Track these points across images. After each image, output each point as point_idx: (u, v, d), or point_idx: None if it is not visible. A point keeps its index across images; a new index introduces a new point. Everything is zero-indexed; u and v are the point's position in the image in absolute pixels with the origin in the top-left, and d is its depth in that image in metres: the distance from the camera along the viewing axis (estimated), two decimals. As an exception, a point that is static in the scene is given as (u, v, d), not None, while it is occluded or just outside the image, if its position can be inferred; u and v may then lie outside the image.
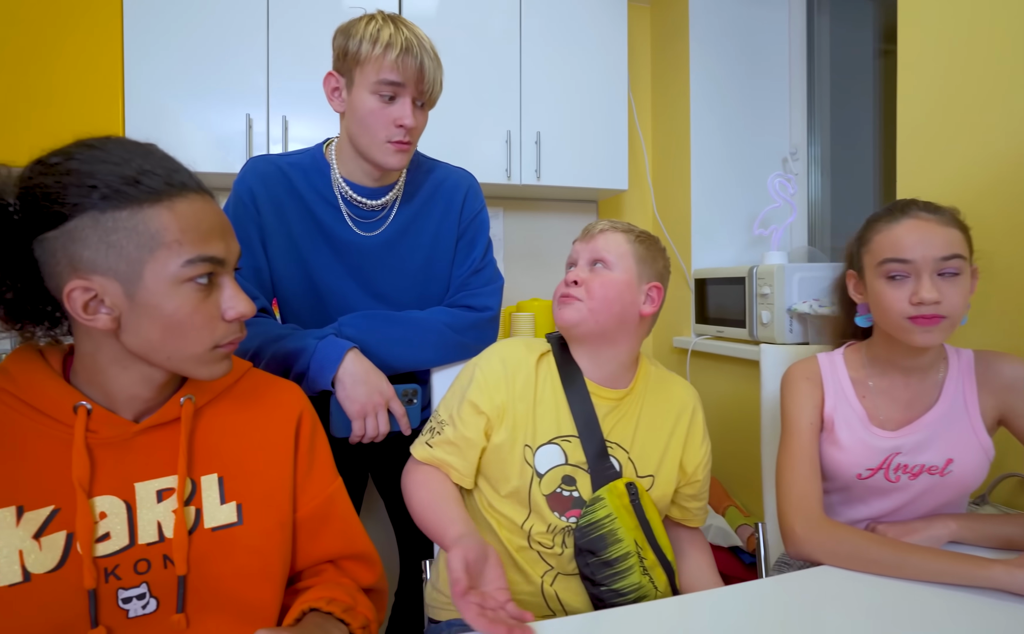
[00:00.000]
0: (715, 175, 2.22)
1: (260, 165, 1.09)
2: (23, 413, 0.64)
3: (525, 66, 2.05)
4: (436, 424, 0.94)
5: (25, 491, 0.62)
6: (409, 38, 0.98)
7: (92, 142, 0.62)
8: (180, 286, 0.63)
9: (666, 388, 0.99)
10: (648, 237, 0.96)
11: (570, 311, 0.91)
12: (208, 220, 0.65)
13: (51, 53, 1.72)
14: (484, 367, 0.93)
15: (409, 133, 1.02)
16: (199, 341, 0.67)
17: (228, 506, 0.72)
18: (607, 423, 0.92)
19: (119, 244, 0.60)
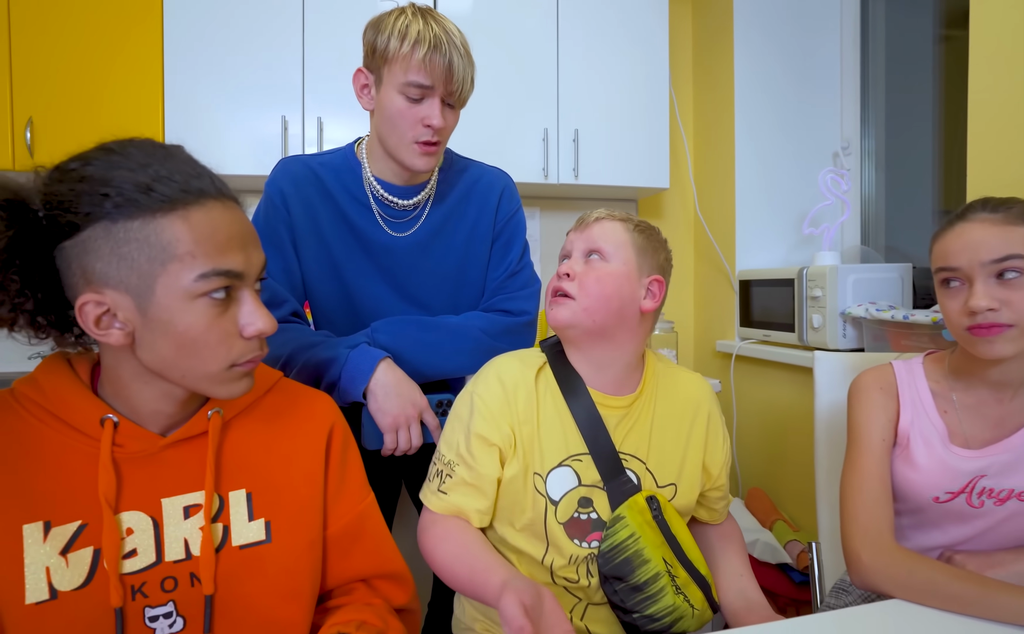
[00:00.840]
0: (761, 171, 2.13)
1: (291, 165, 1.07)
2: (50, 425, 0.63)
3: (562, 61, 1.99)
4: (443, 466, 0.86)
5: (52, 506, 0.61)
6: (438, 35, 0.95)
7: (113, 146, 0.60)
8: (193, 301, 0.60)
9: (677, 385, 0.91)
10: (648, 227, 0.89)
11: (563, 310, 0.83)
12: (227, 230, 0.61)
13: (92, 54, 1.75)
14: (483, 394, 0.85)
15: (437, 133, 0.98)
16: (214, 359, 0.62)
17: (256, 523, 0.69)
18: (618, 434, 0.85)
19: (131, 256, 0.57)
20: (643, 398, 0.87)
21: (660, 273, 0.88)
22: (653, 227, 0.91)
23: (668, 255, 0.91)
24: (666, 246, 0.91)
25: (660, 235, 0.91)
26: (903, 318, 1.44)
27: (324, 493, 0.75)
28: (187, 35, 1.78)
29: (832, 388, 1.18)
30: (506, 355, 0.91)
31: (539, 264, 2.31)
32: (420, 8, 0.98)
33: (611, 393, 0.86)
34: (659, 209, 2.43)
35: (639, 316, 0.85)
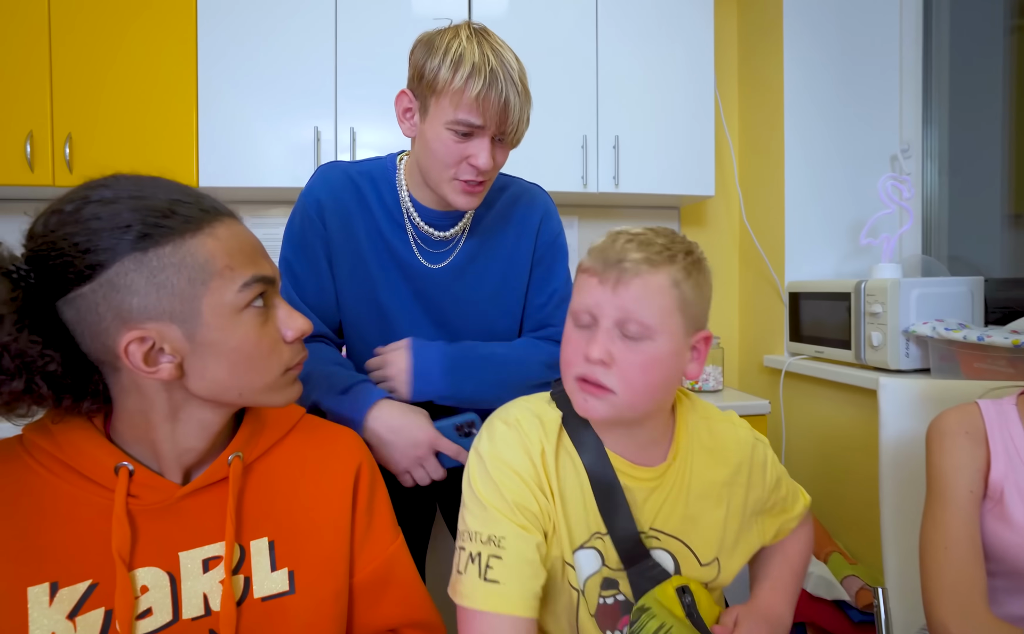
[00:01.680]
0: (812, 177, 2.01)
1: (329, 173, 1.01)
2: (61, 476, 0.59)
3: (602, 66, 1.92)
4: (481, 547, 0.69)
5: (60, 565, 0.57)
6: (495, 68, 0.85)
7: (102, 182, 0.57)
8: (240, 314, 0.59)
9: (715, 437, 0.78)
10: (693, 259, 0.69)
11: (601, 406, 0.67)
12: (249, 240, 0.61)
13: (128, 70, 1.76)
14: (508, 460, 0.71)
15: (483, 174, 0.91)
16: (269, 369, 0.62)
17: (279, 573, 0.65)
18: (647, 510, 0.73)
19: (169, 283, 0.55)
20: (677, 464, 0.75)
21: (705, 321, 0.72)
22: (692, 248, 0.70)
23: (710, 285, 0.72)
24: (707, 272, 0.72)
25: (702, 260, 0.71)
26: (977, 339, 1.32)
27: (351, 538, 0.70)
28: (221, 49, 1.78)
29: (899, 417, 1.08)
30: (519, 407, 0.77)
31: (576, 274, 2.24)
32: (476, 30, 0.89)
33: (638, 462, 0.73)
34: (703, 217, 2.33)
35: (680, 382, 0.73)
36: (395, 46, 1.80)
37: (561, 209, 2.18)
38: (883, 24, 2.00)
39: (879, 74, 2.01)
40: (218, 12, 1.77)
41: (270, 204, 2.05)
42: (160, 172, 1.73)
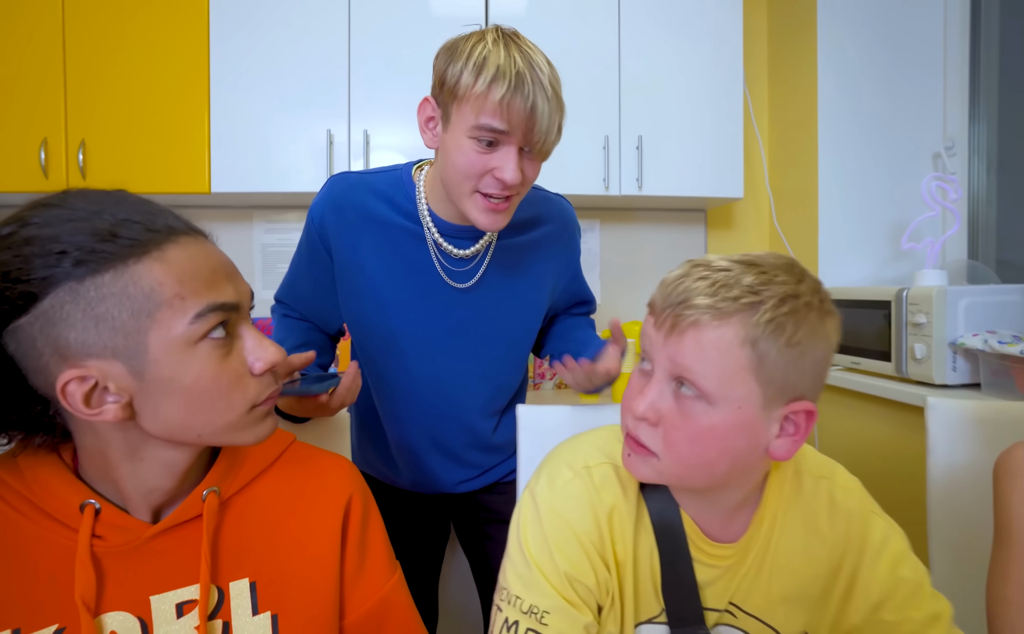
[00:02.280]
0: (848, 177, 1.90)
1: (335, 188, 0.95)
2: (26, 514, 0.54)
3: (624, 64, 1.84)
4: (521, 616, 0.60)
5: (24, 610, 0.52)
6: (522, 71, 0.77)
7: (48, 200, 0.51)
8: (195, 348, 0.52)
9: (816, 497, 0.65)
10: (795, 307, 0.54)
11: (644, 468, 0.59)
12: (208, 263, 0.54)
13: (140, 76, 1.74)
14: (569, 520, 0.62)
15: (508, 188, 0.83)
16: (230, 407, 0.55)
17: (262, 617, 0.59)
18: (723, 584, 0.64)
19: (109, 315, 0.48)
20: (762, 536, 0.64)
21: (811, 391, 0.56)
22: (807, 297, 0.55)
23: (830, 342, 0.56)
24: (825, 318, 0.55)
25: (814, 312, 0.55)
26: (1036, 354, 1.21)
27: (340, 578, 0.64)
28: (233, 53, 1.75)
29: (951, 441, 0.98)
30: (591, 448, 0.67)
31: (598, 279, 2.17)
32: (504, 33, 0.82)
33: (715, 532, 0.64)
34: (731, 220, 2.23)
35: (765, 461, 0.60)
36: (411, 46, 1.76)
37: (582, 213, 2.12)
38: (926, 14, 1.88)
39: (921, 66, 1.89)
40: (229, 15, 1.74)
41: (284, 209, 2.02)
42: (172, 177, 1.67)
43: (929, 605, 0.63)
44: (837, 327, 0.57)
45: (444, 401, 1.00)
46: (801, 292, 0.55)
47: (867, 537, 0.64)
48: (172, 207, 0.56)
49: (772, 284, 0.54)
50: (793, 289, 0.55)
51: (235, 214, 2.02)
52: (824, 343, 0.56)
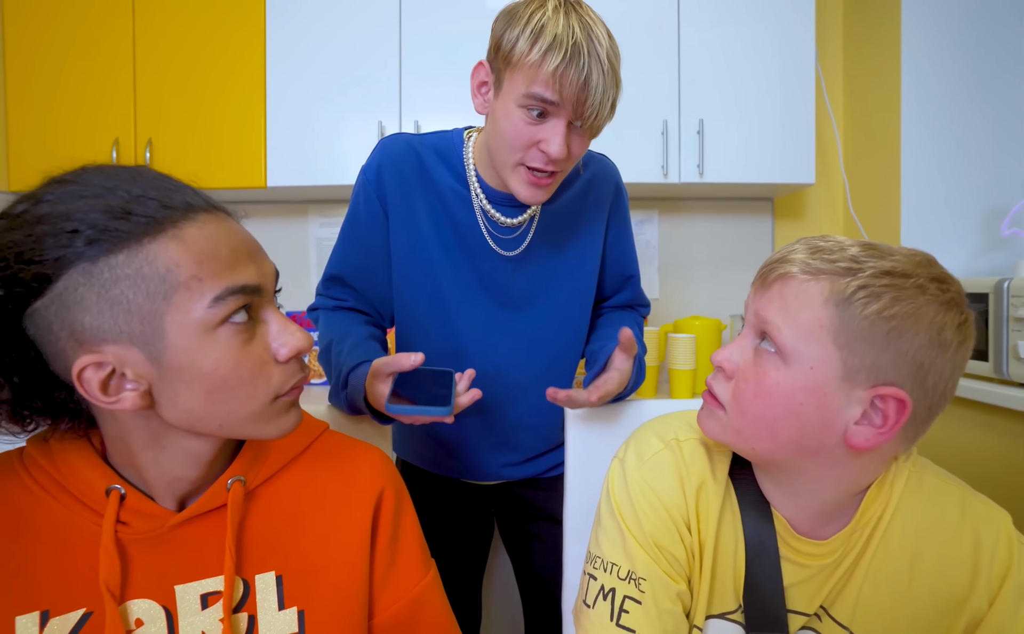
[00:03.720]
0: (935, 159, 1.73)
1: (391, 144, 0.93)
2: (56, 496, 0.53)
3: (684, 43, 1.74)
4: (617, 583, 0.60)
5: (52, 592, 0.51)
6: (579, 41, 0.74)
7: (64, 177, 0.48)
8: (214, 333, 0.49)
9: (939, 517, 0.58)
10: (893, 281, 0.50)
11: (711, 423, 0.59)
12: (229, 242, 0.50)
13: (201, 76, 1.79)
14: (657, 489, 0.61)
15: (553, 163, 0.79)
16: (253, 397, 0.52)
17: (288, 612, 0.56)
18: (813, 586, 0.59)
19: (124, 298, 0.46)
20: (858, 537, 0.58)
21: (907, 382, 0.50)
22: (916, 278, 0.50)
23: (939, 336, 0.50)
24: (932, 307, 0.50)
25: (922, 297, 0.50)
26: None
27: (370, 574, 0.61)
28: (287, 52, 1.77)
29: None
30: (682, 424, 0.66)
31: (655, 272, 2.07)
32: (568, 1, 0.77)
33: (807, 532, 0.59)
34: (801, 209, 2.08)
35: (845, 451, 0.54)
36: (460, 35, 1.73)
37: (638, 203, 2.03)
38: (1028, -25, 1.68)
39: (1018, 32, 1.69)
40: (285, 16, 1.77)
41: (338, 202, 2.03)
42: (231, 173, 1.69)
43: None
44: (961, 330, 0.51)
45: (493, 371, 0.96)
46: (916, 274, 0.50)
47: (1011, 572, 0.55)
48: (230, 202, 0.54)
49: (882, 259, 0.50)
50: (908, 268, 0.50)
51: (290, 208, 2.05)
52: (930, 333, 0.49)
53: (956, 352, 0.51)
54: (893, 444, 0.54)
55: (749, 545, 0.59)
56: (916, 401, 0.51)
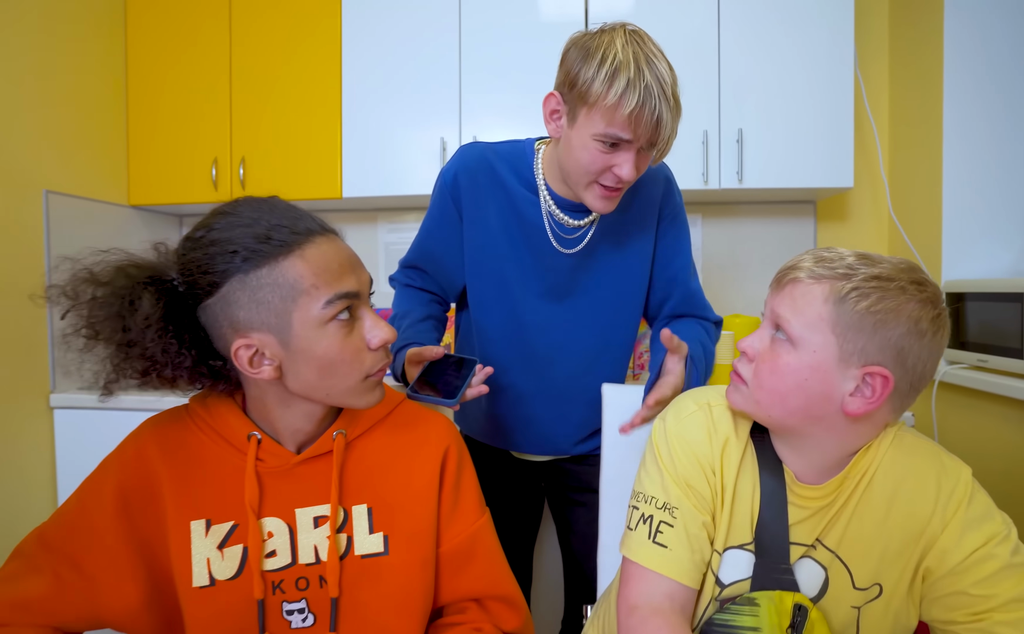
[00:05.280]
0: (977, 161, 1.75)
1: (467, 152, 1.10)
2: (212, 438, 0.73)
3: (724, 58, 1.84)
4: (655, 511, 0.74)
5: (212, 506, 0.71)
6: (649, 84, 0.84)
7: (225, 209, 0.68)
8: (325, 327, 0.66)
9: (912, 468, 0.70)
10: (880, 284, 0.63)
11: (736, 396, 0.73)
12: (337, 259, 0.68)
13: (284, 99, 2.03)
14: (690, 440, 0.75)
15: (624, 183, 0.93)
16: (351, 375, 0.69)
17: (376, 536, 0.74)
18: (812, 523, 0.72)
19: (266, 300, 0.64)
20: (848, 483, 0.71)
21: (890, 362, 0.63)
22: (900, 282, 0.63)
23: (916, 326, 0.62)
24: (911, 305, 0.63)
25: (902, 297, 0.63)
26: None
27: (438, 514, 0.77)
28: (360, 77, 1.99)
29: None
30: (716, 393, 0.80)
31: (700, 273, 2.17)
32: (633, 35, 0.88)
33: (809, 481, 0.72)
34: (843, 212, 2.13)
35: (843, 418, 0.67)
36: (515, 55, 1.89)
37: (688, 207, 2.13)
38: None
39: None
40: (358, 45, 1.98)
41: (403, 210, 2.25)
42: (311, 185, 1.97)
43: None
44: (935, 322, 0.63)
45: (547, 354, 1.11)
46: (899, 278, 0.63)
47: (962, 510, 0.67)
48: (311, 210, 0.72)
49: (865, 266, 0.64)
50: (891, 275, 0.64)
51: (362, 216, 2.28)
52: (907, 325, 0.62)
53: (932, 339, 0.64)
54: (882, 412, 0.68)
55: (764, 493, 0.72)
56: (898, 378, 0.64)
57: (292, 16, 2.02)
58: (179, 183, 2.09)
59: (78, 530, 0.67)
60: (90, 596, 0.66)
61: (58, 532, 0.68)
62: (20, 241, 1.72)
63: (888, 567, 0.70)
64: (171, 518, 0.69)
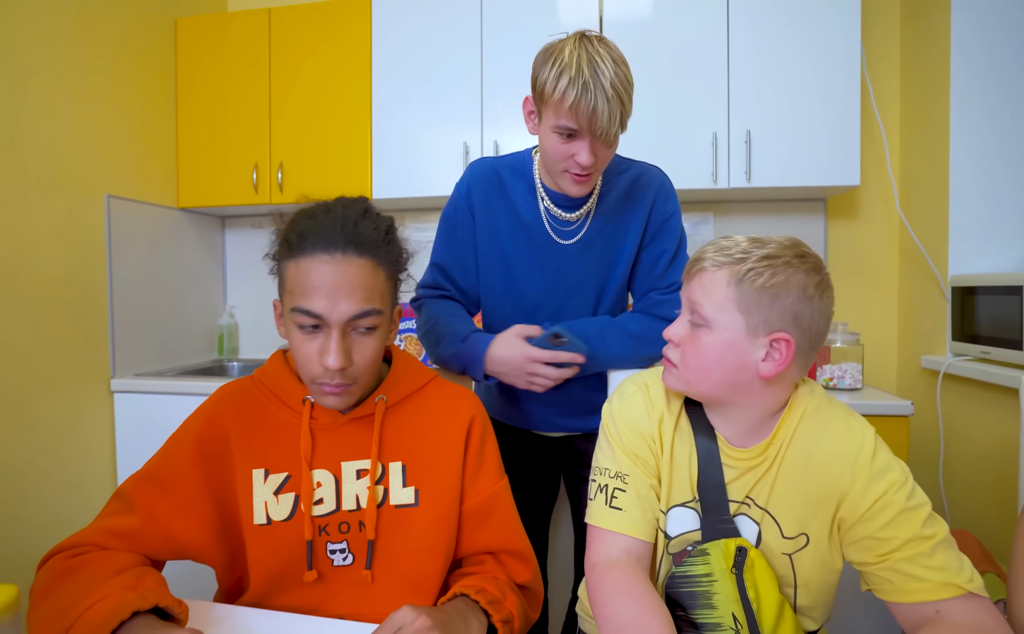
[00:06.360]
0: (984, 158, 1.79)
1: (477, 167, 1.25)
2: (273, 402, 0.86)
3: (733, 61, 1.92)
4: (609, 480, 0.84)
5: (270, 459, 0.84)
6: (587, 80, 0.96)
7: (315, 207, 0.83)
8: (292, 325, 0.80)
9: (822, 425, 0.79)
10: (771, 263, 0.73)
11: (669, 378, 0.82)
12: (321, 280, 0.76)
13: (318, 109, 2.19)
14: (632, 417, 0.86)
15: (585, 168, 1.05)
16: (304, 373, 0.81)
17: (408, 489, 0.86)
18: (743, 482, 0.81)
19: (282, 280, 0.81)
20: (774, 446, 0.79)
21: (790, 326, 0.73)
22: (786, 258, 0.73)
23: (805, 294, 0.73)
24: (799, 276, 0.73)
25: (790, 269, 0.73)
26: None
27: (462, 474, 0.89)
28: (388, 89, 2.13)
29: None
30: (652, 376, 0.90)
31: (710, 270, 2.25)
32: (587, 38, 1.00)
33: (738, 444, 0.81)
34: (853, 208, 2.19)
35: (759, 382, 0.76)
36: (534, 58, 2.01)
37: (695, 206, 2.23)
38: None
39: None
40: (386, 58, 2.12)
41: (428, 211, 2.38)
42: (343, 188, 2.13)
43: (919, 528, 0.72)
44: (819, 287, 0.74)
45: None
46: (784, 255, 0.74)
47: (867, 464, 0.76)
48: None
49: (756, 249, 0.75)
50: (777, 253, 0.74)
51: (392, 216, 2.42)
52: (796, 292, 0.73)
53: (820, 302, 0.74)
54: (791, 371, 0.77)
55: (700, 455, 0.82)
56: (799, 340, 0.74)
57: (326, 33, 2.17)
58: (223, 187, 2.26)
59: (164, 476, 0.81)
60: (172, 530, 0.79)
61: (149, 477, 0.82)
62: (85, 240, 1.90)
63: (810, 518, 0.79)
64: (238, 466, 0.83)
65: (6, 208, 1.65)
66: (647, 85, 1.88)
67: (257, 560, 0.81)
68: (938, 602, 0.70)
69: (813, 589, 0.80)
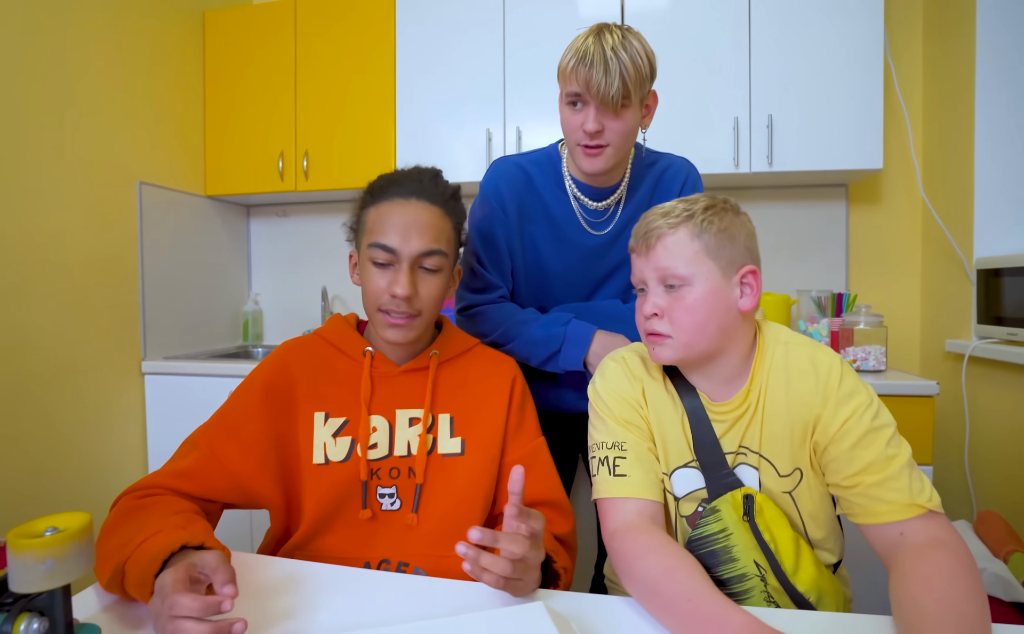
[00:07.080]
0: (1009, 141, 1.80)
1: (503, 167, 1.24)
2: (335, 353, 0.91)
3: (755, 45, 1.94)
4: (608, 452, 0.84)
5: (331, 404, 0.88)
6: (591, 48, 1.01)
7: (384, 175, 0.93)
8: (367, 261, 0.87)
9: (791, 359, 0.82)
10: (714, 210, 0.79)
11: (664, 350, 0.81)
12: (396, 220, 0.86)
13: (342, 97, 2.23)
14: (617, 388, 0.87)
15: (595, 137, 1.05)
16: (370, 303, 0.88)
17: (455, 440, 0.89)
18: (734, 433, 0.83)
19: (361, 227, 0.89)
20: (753, 390, 0.82)
21: (750, 260, 0.80)
22: (718, 203, 0.81)
23: (748, 229, 0.81)
24: (739, 215, 0.82)
25: (728, 210, 0.81)
26: None
27: (505, 429, 0.92)
28: (411, 74, 2.17)
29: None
30: (628, 350, 0.93)
31: (731, 257, 2.26)
32: (607, 26, 1.05)
33: (719, 399, 0.84)
34: (876, 193, 2.20)
35: (740, 319, 0.81)
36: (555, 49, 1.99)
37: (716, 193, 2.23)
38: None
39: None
40: (410, 46, 2.16)
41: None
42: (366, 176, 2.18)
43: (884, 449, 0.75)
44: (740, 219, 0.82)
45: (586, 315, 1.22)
46: (713, 203, 0.81)
47: (836, 389, 0.79)
48: None
49: (695, 203, 0.82)
50: (708, 203, 0.82)
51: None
52: (740, 228, 0.81)
53: (751, 229, 0.83)
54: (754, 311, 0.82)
55: (689, 416, 0.84)
56: (759, 267, 0.81)
57: (350, 23, 2.21)
58: (249, 175, 2.31)
59: (231, 418, 0.86)
60: (233, 468, 0.82)
61: (216, 420, 0.86)
62: (118, 225, 1.95)
63: (798, 452, 0.81)
64: (301, 409, 0.87)
65: (51, 197, 1.71)
66: (668, 71, 1.89)
67: (312, 498, 0.84)
68: (902, 523, 0.72)
69: (820, 520, 0.83)
